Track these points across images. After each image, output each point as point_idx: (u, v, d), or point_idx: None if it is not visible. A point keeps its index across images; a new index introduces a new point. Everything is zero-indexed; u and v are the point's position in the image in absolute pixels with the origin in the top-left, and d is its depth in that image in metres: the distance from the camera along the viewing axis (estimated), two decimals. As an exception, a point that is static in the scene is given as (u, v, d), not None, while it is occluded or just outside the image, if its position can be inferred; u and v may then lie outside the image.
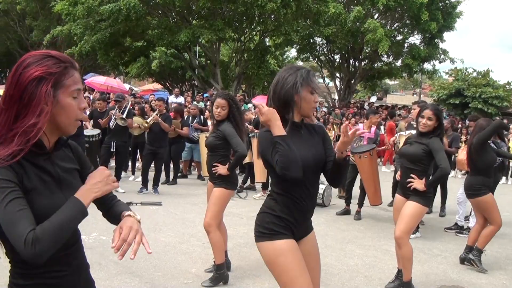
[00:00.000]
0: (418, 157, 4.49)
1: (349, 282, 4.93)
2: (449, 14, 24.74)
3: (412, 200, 4.43)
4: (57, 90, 1.59)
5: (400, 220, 4.43)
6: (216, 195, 4.58)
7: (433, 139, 4.43)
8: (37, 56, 1.61)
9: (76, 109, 1.66)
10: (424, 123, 4.47)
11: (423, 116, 4.48)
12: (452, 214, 8.11)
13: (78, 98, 1.66)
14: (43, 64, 1.58)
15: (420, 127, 4.53)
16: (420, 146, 4.49)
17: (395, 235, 4.43)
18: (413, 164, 4.53)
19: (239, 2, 18.80)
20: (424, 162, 4.49)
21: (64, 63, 1.62)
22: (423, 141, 4.49)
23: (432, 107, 4.56)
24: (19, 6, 25.53)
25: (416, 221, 4.52)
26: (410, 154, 4.59)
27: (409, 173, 4.51)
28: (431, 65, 27.53)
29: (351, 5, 24.69)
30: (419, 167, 4.49)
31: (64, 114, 1.63)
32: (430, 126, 4.46)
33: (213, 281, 4.56)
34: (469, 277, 5.29)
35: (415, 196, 4.43)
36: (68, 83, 1.62)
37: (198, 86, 24.02)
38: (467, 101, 27.78)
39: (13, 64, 19.75)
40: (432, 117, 4.43)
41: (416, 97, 40.05)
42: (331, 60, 28.72)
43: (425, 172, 4.52)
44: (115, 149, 9.12)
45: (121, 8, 17.93)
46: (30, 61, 1.58)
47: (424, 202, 4.43)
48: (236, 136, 4.53)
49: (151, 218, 7.08)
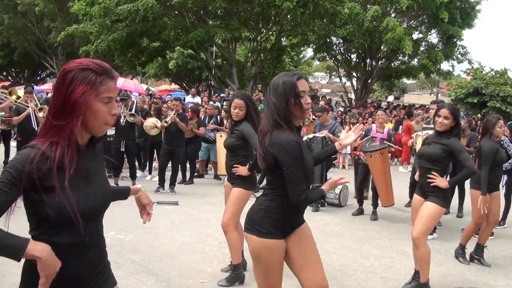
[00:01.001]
0: (437, 157, 4.46)
1: (365, 283, 4.91)
2: (467, 14, 24.50)
3: (430, 201, 4.40)
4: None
5: (418, 220, 4.40)
6: (235, 195, 4.57)
7: (453, 139, 4.40)
8: (78, 71, 1.78)
9: (106, 114, 1.83)
10: (440, 122, 4.43)
11: (439, 115, 4.45)
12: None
13: (110, 104, 1.84)
14: (85, 81, 1.76)
15: (437, 126, 4.50)
16: (439, 146, 4.46)
17: (412, 235, 4.41)
18: (432, 164, 4.49)
19: (255, 3, 18.81)
20: (443, 162, 4.46)
21: (101, 75, 1.80)
22: (442, 141, 4.45)
23: (449, 106, 4.53)
24: (37, 8, 25.80)
25: (434, 222, 4.49)
26: (429, 155, 4.55)
27: (428, 173, 4.48)
28: (449, 65, 27.32)
29: (367, 3, 24.55)
30: (439, 167, 4.46)
31: (93, 118, 1.80)
32: (447, 125, 4.42)
33: (229, 281, 4.58)
34: (486, 279, 5.24)
35: (433, 197, 4.40)
36: (101, 91, 1.80)
37: (215, 86, 24.08)
38: (485, 100, 27.43)
39: (31, 65, 20.16)
40: (449, 116, 4.39)
41: (433, 97, 39.73)
42: (347, 60, 28.58)
43: (444, 172, 4.50)
44: (125, 148, 9.23)
45: (138, 8, 18.04)
46: (74, 76, 1.76)
47: (443, 203, 4.40)
48: (255, 135, 4.50)
49: (167, 218, 7.13)
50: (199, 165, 11.57)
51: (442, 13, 21.72)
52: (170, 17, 20.96)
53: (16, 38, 29.52)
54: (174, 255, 5.42)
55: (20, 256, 1.62)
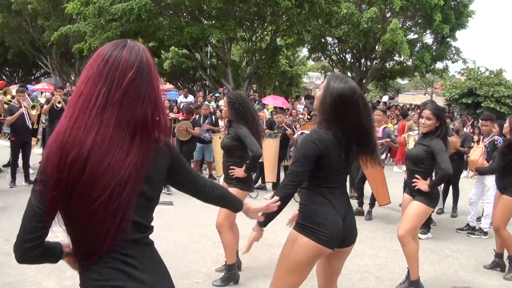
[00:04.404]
0: (420, 159, 4.47)
1: (360, 283, 4.91)
2: (461, 14, 24.59)
3: (417, 200, 4.43)
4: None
5: (404, 219, 4.46)
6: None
7: (434, 140, 4.38)
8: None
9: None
10: (423, 123, 4.44)
11: (422, 117, 4.46)
12: (464, 215, 8.05)
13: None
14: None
15: (421, 128, 4.51)
16: (422, 147, 4.47)
17: (398, 234, 4.44)
18: (415, 165, 4.52)
19: (251, 2, 18.79)
20: (425, 164, 4.46)
21: None
22: (424, 143, 4.46)
23: (431, 106, 4.50)
24: (30, 6, 25.67)
25: (420, 221, 4.52)
26: (412, 156, 4.59)
27: (413, 174, 4.50)
28: (443, 65, 27.41)
29: (362, 4, 24.61)
30: (421, 168, 4.47)
31: None
32: (430, 126, 4.41)
33: (224, 281, 4.58)
34: (481, 278, 5.26)
35: (420, 196, 4.42)
36: None
37: (210, 86, 24.07)
38: (480, 101, 27.52)
39: (25, 64, 20.06)
40: (431, 116, 4.38)
41: (428, 97, 39.85)
42: (342, 60, 28.66)
43: (428, 173, 4.50)
44: None
45: (133, 7, 17.99)
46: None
47: (429, 202, 4.42)
48: (249, 135, 4.48)
49: (162, 218, 7.09)
50: (193, 165, 11.55)
51: (436, 14, 21.82)
52: (165, 16, 20.92)
53: (10, 37, 29.44)
54: (168, 255, 5.40)
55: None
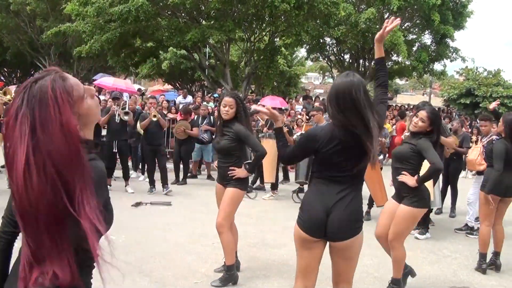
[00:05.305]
0: (406, 156, 4.40)
1: (358, 282, 4.90)
2: (459, 14, 24.61)
3: (404, 204, 4.30)
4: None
5: (394, 223, 4.32)
6: (230, 195, 4.54)
7: (422, 139, 4.32)
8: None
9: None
10: (415, 122, 4.39)
11: (417, 116, 4.43)
12: (462, 215, 8.06)
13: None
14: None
15: (411, 126, 4.48)
16: (409, 145, 4.42)
17: (388, 238, 4.36)
18: (400, 163, 4.44)
19: (250, 4, 18.79)
20: (411, 161, 4.37)
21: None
22: (412, 142, 4.41)
23: (429, 109, 4.46)
24: (29, 6, 25.63)
25: (411, 224, 4.44)
26: (398, 154, 4.52)
27: (398, 173, 4.41)
28: (441, 65, 27.42)
29: (361, 5, 24.63)
30: (407, 165, 4.37)
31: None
32: (421, 127, 4.36)
33: (223, 281, 4.57)
34: (479, 278, 5.27)
35: (407, 199, 4.29)
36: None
37: (208, 87, 24.04)
38: (478, 101, 27.55)
39: (23, 64, 20.11)
40: (425, 119, 4.33)
41: (426, 97, 39.86)
42: (341, 60, 28.65)
43: (414, 172, 4.36)
44: (117, 148, 9.19)
45: (130, 9, 17.98)
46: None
47: (417, 204, 4.27)
48: (251, 135, 4.49)
49: (161, 218, 7.11)
50: (192, 166, 11.56)
51: (434, 14, 21.84)
52: (163, 17, 20.90)
53: (8, 38, 29.37)
54: (167, 255, 5.41)
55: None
